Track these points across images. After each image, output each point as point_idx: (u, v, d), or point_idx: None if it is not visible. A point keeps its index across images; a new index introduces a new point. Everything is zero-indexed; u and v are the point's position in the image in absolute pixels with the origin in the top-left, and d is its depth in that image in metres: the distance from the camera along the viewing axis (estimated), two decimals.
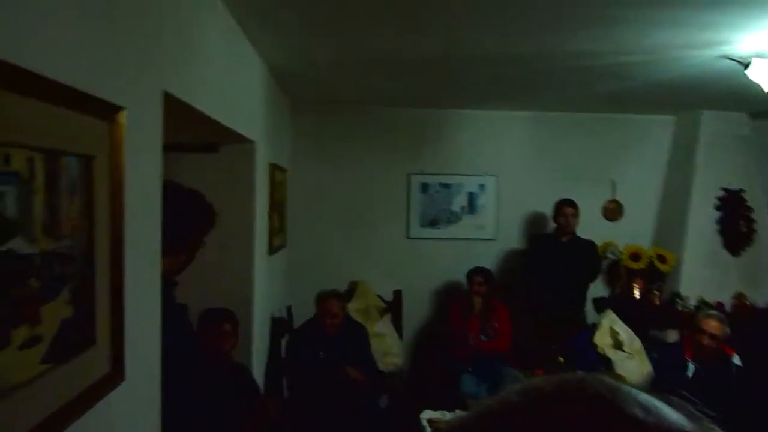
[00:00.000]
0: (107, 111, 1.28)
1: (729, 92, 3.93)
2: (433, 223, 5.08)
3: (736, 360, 3.54)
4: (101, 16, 1.27)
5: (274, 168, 3.76)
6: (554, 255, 4.55)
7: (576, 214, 4.58)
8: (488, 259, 4.84)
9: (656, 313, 4.75)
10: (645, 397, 0.38)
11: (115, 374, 1.34)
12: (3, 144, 0.91)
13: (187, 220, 1.88)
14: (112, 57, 1.33)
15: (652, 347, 4.26)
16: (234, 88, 2.69)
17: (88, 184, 1.19)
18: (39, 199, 1.01)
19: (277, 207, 3.91)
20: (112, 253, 1.30)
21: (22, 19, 0.97)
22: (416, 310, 5.04)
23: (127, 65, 1.42)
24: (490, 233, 5.11)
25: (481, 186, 5.09)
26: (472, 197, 5.10)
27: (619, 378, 2.87)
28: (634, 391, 0.39)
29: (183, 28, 1.88)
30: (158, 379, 1.66)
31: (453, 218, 5.09)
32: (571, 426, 0.36)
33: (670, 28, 2.65)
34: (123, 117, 1.33)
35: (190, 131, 2.58)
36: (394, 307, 4.89)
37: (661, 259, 4.84)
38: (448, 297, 4.92)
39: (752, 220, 4.81)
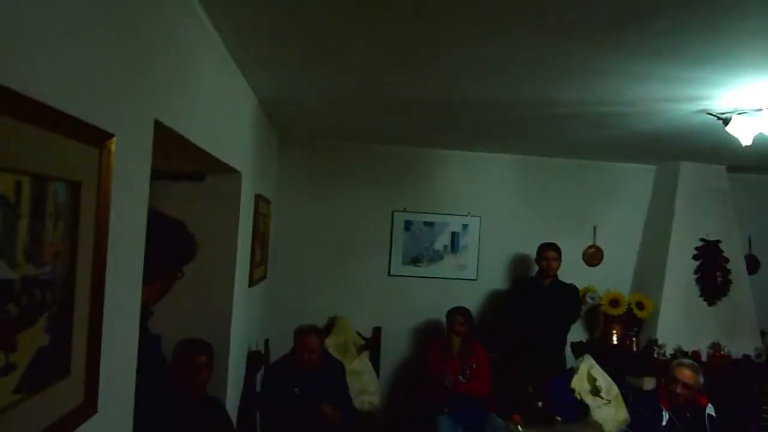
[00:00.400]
0: (98, 137, 1.27)
1: (708, 145, 4.04)
2: (415, 261, 5.08)
3: (710, 410, 3.55)
4: (95, 44, 1.28)
5: (259, 199, 3.76)
6: (536, 298, 4.57)
7: (558, 258, 4.62)
8: (469, 299, 4.83)
9: (633, 360, 4.76)
10: None
11: (88, 406, 1.30)
12: None
13: (167, 249, 1.85)
14: (105, 84, 1.34)
15: (629, 394, 4.26)
16: (223, 119, 2.70)
17: (73, 210, 1.18)
18: (23, 223, 1.00)
19: (260, 238, 3.89)
20: (93, 281, 1.28)
21: (17, 45, 0.98)
22: (395, 348, 4.99)
23: (119, 93, 1.42)
24: (472, 273, 5.12)
25: (465, 226, 5.13)
26: (455, 237, 5.12)
27: (595, 425, 2.84)
28: None
29: (176, 57, 1.90)
30: (131, 412, 1.61)
31: (435, 257, 5.10)
32: None
33: (652, 82, 2.73)
34: (113, 144, 1.32)
35: (177, 159, 2.57)
36: (372, 345, 4.85)
37: (640, 305, 4.88)
38: (428, 336, 4.89)
39: (728, 271, 4.89)
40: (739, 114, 3.00)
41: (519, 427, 3.09)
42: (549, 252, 4.63)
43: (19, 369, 1.01)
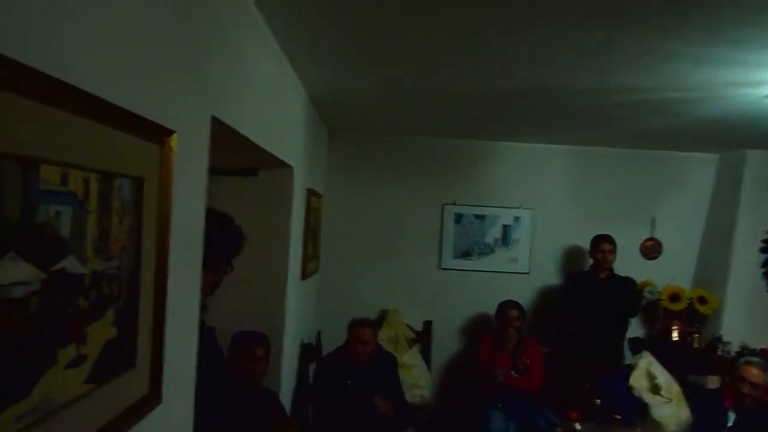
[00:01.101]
0: (159, 134, 1.30)
1: None
2: (465, 255, 5.03)
3: None
4: (156, 43, 1.30)
5: (311, 193, 3.79)
6: (591, 292, 4.45)
7: (613, 251, 4.49)
8: (520, 293, 4.75)
9: (695, 358, 4.58)
10: None
11: (153, 397, 1.33)
12: (62, 164, 0.93)
13: (216, 243, 1.88)
14: (166, 82, 1.36)
15: (691, 393, 4.10)
16: (275, 114, 2.73)
17: (137, 206, 1.21)
18: (92, 219, 1.03)
19: (311, 232, 3.92)
20: (156, 275, 1.31)
21: (85, 48, 1.00)
22: (445, 342, 4.97)
23: (178, 91, 1.44)
24: (524, 267, 5.04)
25: (516, 218, 5.04)
26: (506, 230, 5.04)
27: (656, 424, 2.74)
28: None
29: (233, 56, 1.92)
30: (192, 403, 1.65)
31: (486, 250, 5.04)
32: None
33: (719, 66, 2.60)
34: (174, 141, 1.35)
35: (232, 155, 2.61)
36: (423, 338, 4.83)
37: (702, 300, 4.69)
38: (479, 330, 4.84)
39: None
40: None
41: (576, 425, 3.01)
42: (604, 244, 4.50)
43: (89, 360, 1.04)
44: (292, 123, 3.17)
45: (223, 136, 1.92)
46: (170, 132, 1.34)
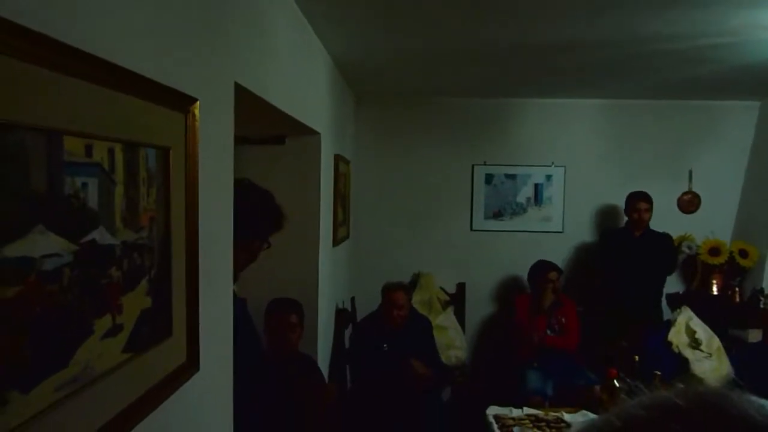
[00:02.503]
0: (182, 102, 1.28)
1: None
2: (497, 215, 4.98)
3: None
4: (175, 9, 1.27)
5: (339, 159, 3.77)
6: (627, 249, 4.38)
7: (649, 209, 4.39)
8: (555, 252, 4.69)
9: (736, 311, 4.49)
10: None
11: (191, 364, 1.35)
12: (85, 135, 0.92)
13: (255, 218, 1.89)
14: (186, 49, 1.34)
15: (732, 347, 4.03)
16: (301, 80, 2.70)
17: (164, 176, 1.21)
18: (119, 190, 1.02)
19: (341, 198, 3.92)
20: (187, 244, 1.31)
21: (104, 15, 0.98)
22: (480, 303, 4.96)
23: (200, 57, 1.42)
24: (557, 226, 4.96)
25: (548, 177, 4.94)
26: (538, 188, 4.96)
27: (697, 379, 2.70)
28: None
29: (252, 20, 1.89)
30: (230, 369, 1.67)
31: (519, 210, 4.97)
32: None
33: (759, 6, 2.46)
34: (197, 108, 1.33)
35: (258, 123, 2.60)
36: (457, 300, 4.84)
37: (743, 253, 4.56)
38: (513, 290, 4.82)
39: None
40: None
41: (615, 382, 2.99)
42: (640, 203, 4.39)
43: (126, 330, 1.06)
44: (317, 88, 3.14)
45: (247, 103, 1.91)
46: (193, 100, 1.32)
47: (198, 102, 1.33)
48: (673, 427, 0.32)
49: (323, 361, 3.41)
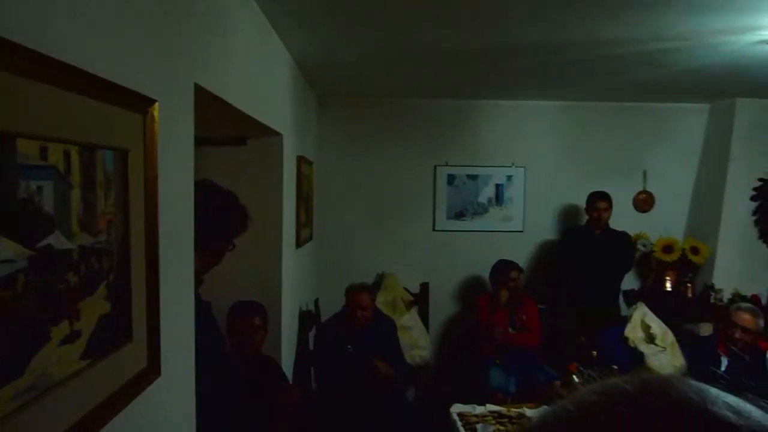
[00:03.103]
0: (141, 104, 1.26)
1: (766, 79, 3.81)
2: (459, 215, 5.03)
3: None
4: (133, 10, 1.25)
5: (302, 160, 3.75)
6: (587, 247, 4.49)
7: (609, 208, 4.52)
8: (516, 251, 4.77)
9: (689, 306, 4.65)
10: (734, 399, 0.36)
11: (152, 370, 1.33)
12: (39, 137, 0.90)
13: (219, 220, 1.86)
14: (145, 49, 1.32)
15: (685, 341, 4.18)
16: (262, 81, 2.68)
17: (123, 179, 1.18)
18: (76, 193, 1.00)
19: (304, 200, 3.90)
20: (147, 248, 1.29)
21: (55, 13, 0.96)
22: (443, 303, 5.01)
23: (159, 58, 1.40)
24: (518, 225, 5.05)
25: (509, 177, 5.03)
26: (499, 189, 5.04)
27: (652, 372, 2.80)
28: (722, 393, 0.36)
29: (213, 21, 1.87)
30: (192, 373, 1.65)
31: (480, 210, 5.04)
32: (656, 429, 0.33)
33: (708, 13, 2.56)
34: (156, 110, 1.32)
35: (219, 124, 2.57)
36: (421, 300, 4.87)
37: (694, 250, 4.73)
38: (476, 289, 4.88)
39: None
40: None
41: (574, 376, 3.07)
42: (600, 202, 4.51)
43: (84, 336, 1.04)
44: (279, 89, 3.12)
45: (208, 104, 1.89)
46: (152, 101, 1.30)
47: (157, 103, 1.31)
48: (621, 409, 0.35)
49: (287, 363, 3.39)
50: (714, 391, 0.36)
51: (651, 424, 0.34)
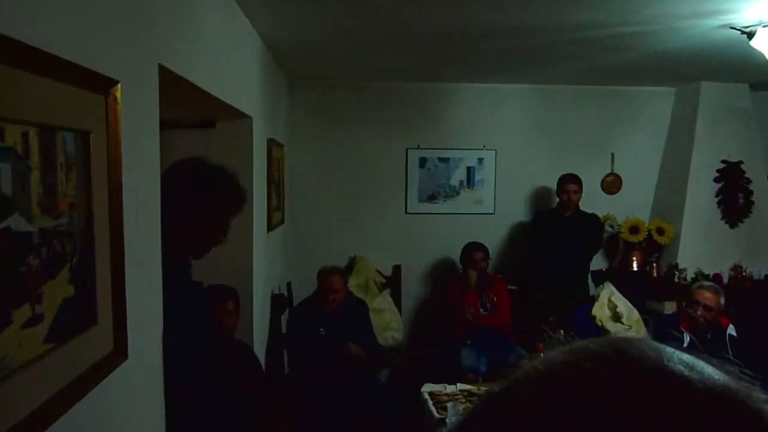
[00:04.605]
0: (102, 84, 1.24)
1: (730, 63, 3.89)
2: (431, 198, 5.06)
3: (731, 330, 3.56)
4: None
5: (272, 143, 3.72)
6: (557, 229, 4.56)
7: (579, 191, 4.59)
8: (487, 233, 4.83)
9: (654, 285, 4.77)
10: (688, 357, 0.39)
11: (118, 353, 1.33)
12: None
13: (209, 200, 1.80)
14: (106, 29, 1.30)
15: (650, 319, 4.29)
16: (230, 63, 2.64)
17: (85, 161, 1.17)
18: (35, 175, 0.99)
19: (275, 183, 3.88)
20: (111, 231, 1.28)
21: None
22: (415, 285, 5.05)
23: (121, 38, 1.38)
24: (489, 207, 5.10)
25: (480, 160, 5.07)
26: (470, 171, 5.07)
27: None
28: (678, 352, 0.39)
29: (178, 0, 1.84)
30: (160, 356, 1.65)
31: (452, 193, 5.08)
32: (615, 383, 0.36)
33: None
34: (118, 91, 1.30)
35: (186, 107, 2.54)
36: (393, 282, 4.91)
37: (660, 231, 4.84)
38: (447, 271, 4.93)
39: (750, 192, 4.81)
40: (764, 26, 2.86)
41: (541, 355, 3.14)
42: (570, 185, 4.58)
43: (47, 319, 1.03)
44: (248, 71, 3.08)
45: (173, 86, 1.86)
46: (114, 82, 1.28)
47: (119, 84, 1.29)
48: (585, 364, 0.38)
49: (259, 347, 3.40)
50: (670, 350, 0.39)
51: (611, 377, 0.37)
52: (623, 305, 4.17)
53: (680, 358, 0.38)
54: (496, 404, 0.40)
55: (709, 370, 0.38)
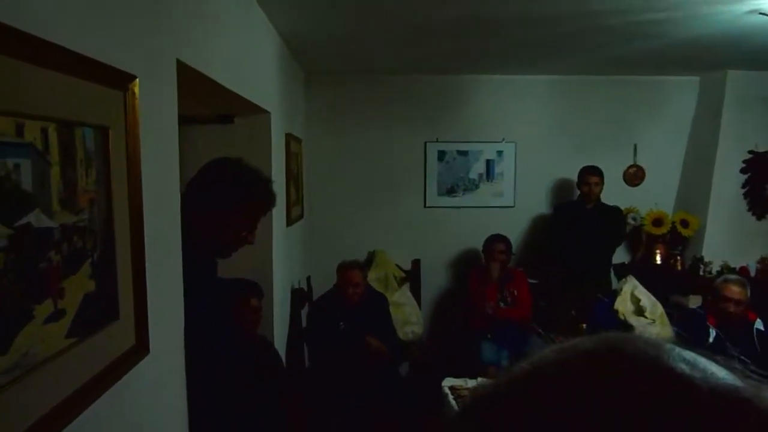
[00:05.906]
0: (121, 80, 1.24)
1: (757, 51, 3.79)
2: (450, 191, 5.03)
3: (759, 324, 3.48)
4: None
5: (290, 138, 3.72)
6: (579, 222, 4.50)
7: (600, 183, 4.52)
8: (507, 226, 4.78)
9: (678, 279, 4.69)
10: (690, 354, 0.36)
11: (140, 347, 1.33)
12: (15, 114, 0.88)
13: (237, 201, 1.80)
14: (124, 25, 1.30)
15: (674, 313, 4.22)
16: (248, 58, 2.64)
17: (104, 156, 1.17)
18: (55, 171, 0.99)
19: (293, 178, 3.89)
20: (132, 225, 1.28)
21: None
22: (435, 279, 5.03)
23: (139, 33, 1.38)
24: (509, 200, 5.05)
25: (500, 152, 5.02)
26: (490, 164, 5.03)
27: None
28: (678, 348, 0.37)
29: None
30: (182, 350, 1.66)
31: (471, 186, 5.04)
32: (610, 382, 0.34)
33: None
34: (136, 86, 1.30)
35: (205, 102, 2.54)
36: (412, 276, 4.89)
37: (684, 223, 4.76)
38: (467, 265, 4.90)
39: None
40: None
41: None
42: (592, 177, 4.51)
43: (68, 315, 1.03)
44: (266, 66, 3.08)
45: (191, 81, 1.86)
46: (132, 77, 1.28)
47: (137, 80, 1.29)
48: (576, 362, 0.36)
49: (280, 341, 3.41)
50: (670, 346, 0.37)
51: (604, 375, 0.34)
52: (646, 299, 4.11)
53: (681, 356, 0.36)
54: (482, 405, 0.39)
55: (712, 368, 0.35)
